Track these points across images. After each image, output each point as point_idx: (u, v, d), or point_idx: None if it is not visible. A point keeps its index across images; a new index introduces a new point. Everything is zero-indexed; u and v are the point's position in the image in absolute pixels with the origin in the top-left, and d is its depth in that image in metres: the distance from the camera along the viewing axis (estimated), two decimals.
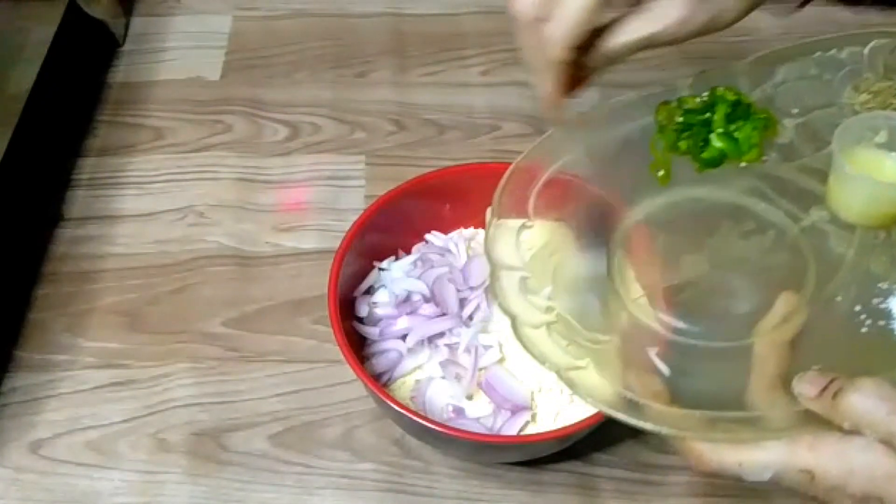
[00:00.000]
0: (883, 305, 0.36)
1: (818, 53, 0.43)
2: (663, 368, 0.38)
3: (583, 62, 0.41)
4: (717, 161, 0.42)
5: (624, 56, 0.40)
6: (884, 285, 0.37)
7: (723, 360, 0.38)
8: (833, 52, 0.43)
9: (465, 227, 0.56)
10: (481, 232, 0.56)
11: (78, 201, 0.63)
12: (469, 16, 0.79)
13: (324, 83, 0.72)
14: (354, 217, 0.50)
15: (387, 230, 0.53)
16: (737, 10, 0.39)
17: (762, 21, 0.74)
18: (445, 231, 0.55)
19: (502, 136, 0.68)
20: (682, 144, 0.42)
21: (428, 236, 0.55)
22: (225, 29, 0.77)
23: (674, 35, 0.39)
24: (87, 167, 0.65)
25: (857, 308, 0.36)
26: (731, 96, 0.42)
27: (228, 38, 0.76)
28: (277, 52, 0.75)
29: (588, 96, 0.70)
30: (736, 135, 0.42)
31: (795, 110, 0.42)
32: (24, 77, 0.60)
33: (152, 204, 0.62)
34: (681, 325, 0.39)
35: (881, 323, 0.36)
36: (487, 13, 0.79)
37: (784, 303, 0.38)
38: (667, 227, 0.43)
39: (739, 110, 0.42)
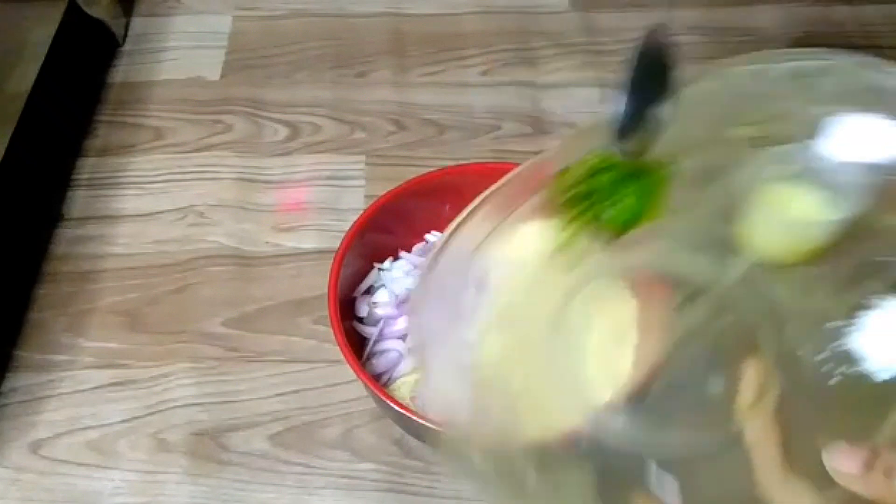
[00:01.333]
0: (842, 348, 0.33)
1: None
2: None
3: None
4: (630, 224, 0.37)
5: None
6: (832, 324, 0.34)
7: (718, 460, 0.34)
8: (686, 89, 0.39)
9: None
10: None
11: (78, 201, 0.63)
12: (469, 16, 0.79)
13: (324, 83, 0.72)
14: (354, 217, 0.50)
15: (387, 230, 0.53)
16: None
17: (762, 21, 0.74)
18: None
19: (502, 136, 0.68)
20: (587, 215, 0.37)
21: (428, 236, 0.55)
22: (225, 29, 0.77)
23: None
24: (87, 167, 0.65)
25: (820, 357, 0.33)
26: (615, 158, 0.38)
27: (228, 38, 0.76)
28: (277, 52, 0.75)
29: (588, 98, 0.71)
30: (637, 193, 0.37)
31: (677, 156, 0.38)
32: (24, 77, 0.60)
33: (152, 204, 0.63)
34: (662, 438, 0.34)
35: (847, 369, 0.33)
36: (487, 13, 0.79)
37: (752, 373, 0.33)
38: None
39: (631, 166, 0.38)
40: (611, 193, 0.37)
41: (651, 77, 0.35)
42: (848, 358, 0.33)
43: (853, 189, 0.35)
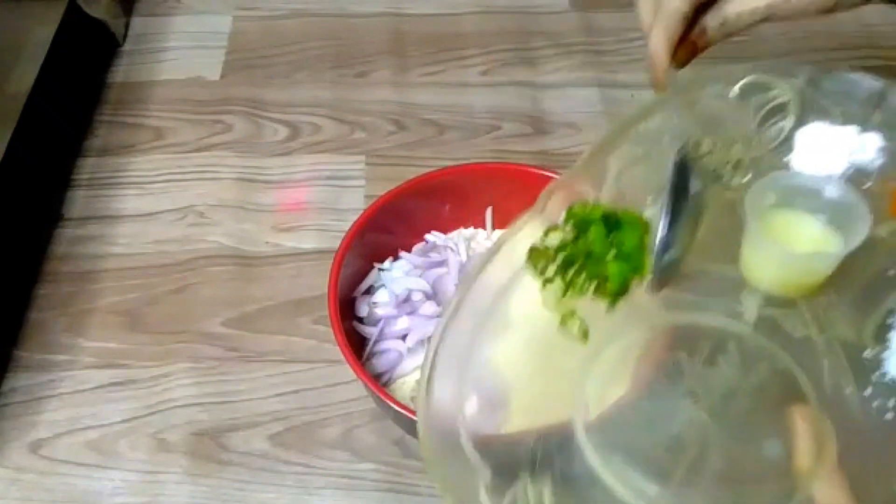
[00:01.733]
0: (887, 377, 0.32)
1: (634, 131, 0.39)
2: None
3: (700, 28, 0.39)
4: (625, 287, 0.35)
5: (742, 26, 0.39)
6: (869, 354, 0.32)
7: None
8: (644, 124, 0.39)
9: (465, 227, 0.56)
10: (481, 232, 0.56)
11: (78, 201, 0.63)
12: (469, 16, 0.79)
13: (324, 83, 0.72)
14: (354, 217, 0.50)
15: (387, 230, 0.53)
16: None
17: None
18: (445, 231, 0.55)
19: (502, 136, 0.68)
20: (577, 285, 0.35)
21: (428, 236, 0.55)
22: (225, 29, 0.77)
23: (797, 9, 0.37)
24: (87, 167, 0.65)
25: (868, 393, 0.31)
26: (596, 212, 0.36)
27: (228, 38, 0.76)
28: (277, 52, 0.75)
29: (588, 98, 0.71)
30: (625, 250, 0.36)
31: (649, 198, 0.37)
32: (24, 77, 0.60)
33: (152, 204, 0.63)
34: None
35: (894, 402, 0.31)
36: (487, 13, 0.79)
37: (804, 422, 0.31)
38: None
39: (611, 221, 0.36)
40: (600, 257, 0.35)
41: (681, 195, 0.35)
42: (894, 388, 0.31)
43: (851, 208, 0.34)
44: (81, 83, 0.69)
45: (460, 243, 0.53)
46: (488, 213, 0.56)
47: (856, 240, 0.32)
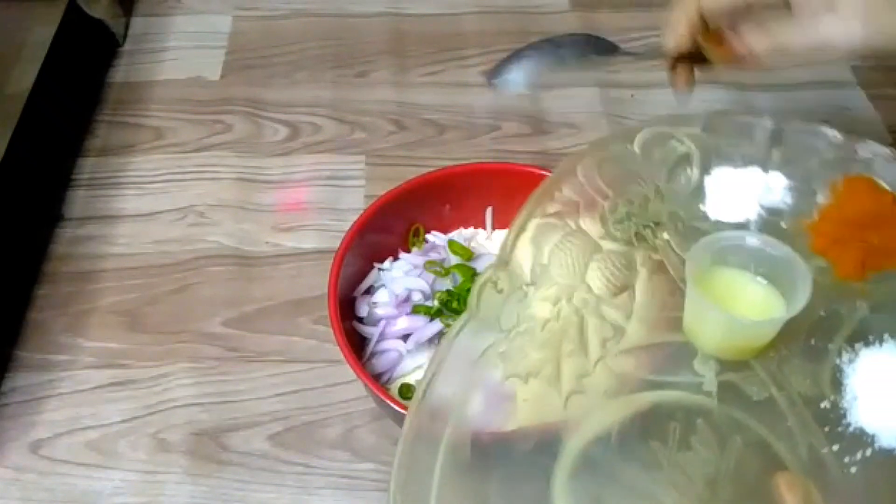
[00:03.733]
0: (852, 429, 0.32)
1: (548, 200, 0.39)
2: None
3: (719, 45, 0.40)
4: None
5: (787, 58, 0.40)
6: (827, 404, 0.33)
7: None
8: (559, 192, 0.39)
9: (465, 227, 0.56)
10: (481, 232, 0.56)
11: (78, 201, 0.63)
12: (469, 16, 0.79)
13: (324, 83, 0.72)
14: (354, 217, 0.50)
15: (387, 230, 0.53)
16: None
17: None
18: (445, 231, 0.55)
19: (502, 136, 0.68)
20: None
21: (428, 236, 0.55)
22: (225, 29, 0.77)
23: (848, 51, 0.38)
24: (87, 167, 0.65)
25: (836, 448, 0.32)
26: None
27: (228, 38, 0.76)
28: (277, 52, 0.75)
29: (588, 98, 0.71)
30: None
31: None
32: (24, 77, 0.60)
33: (152, 204, 0.63)
34: None
35: (863, 454, 0.31)
36: (487, 13, 0.79)
37: (789, 491, 0.31)
38: (603, 479, 0.33)
39: None
40: None
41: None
42: (859, 440, 0.31)
43: (790, 265, 0.33)
44: (81, 83, 0.69)
45: (460, 243, 0.53)
46: (488, 213, 0.56)
47: (800, 301, 0.32)
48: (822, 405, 0.33)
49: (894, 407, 0.32)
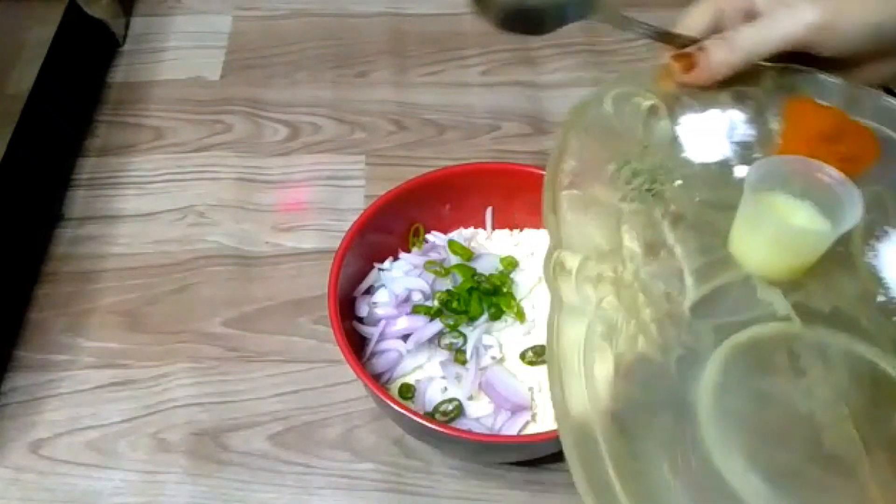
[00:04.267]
0: None
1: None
2: None
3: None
4: None
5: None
6: (881, 298, 0.36)
7: None
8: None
9: (465, 227, 0.56)
10: (481, 232, 0.56)
11: (78, 201, 0.63)
12: (469, 16, 0.78)
13: (324, 83, 0.72)
14: (354, 217, 0.50)
15: (387, 230, 0.53)
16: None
17: None
18: (445, 231, 0.55)
19: (502, 136, 0.68)
20: None
21: (428, 236, 0.55)
22: (225, 29, 0.77)
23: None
24: (87, 167, 0.65)
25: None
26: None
27: (228, 38, 0.76)
28: (277, 52, 0.75)
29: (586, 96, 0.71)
30: None
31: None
32: (24, 77, 0.60)
33: (152, 204, 0.63)
34: None
35: None
36: None
37: None
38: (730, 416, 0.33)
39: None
40: None
41: None
42: None
43: (842, 193, 0.35)
44: (81, 83, 0.69)
45: (460, 243, 0.53)
46: (488, 213, 0.56)
47: (849, 221, 0.34)
48: (878, 299, 0.35)
49: None
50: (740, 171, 0.38)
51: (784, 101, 0.41)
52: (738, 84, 0.41)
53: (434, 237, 0.55)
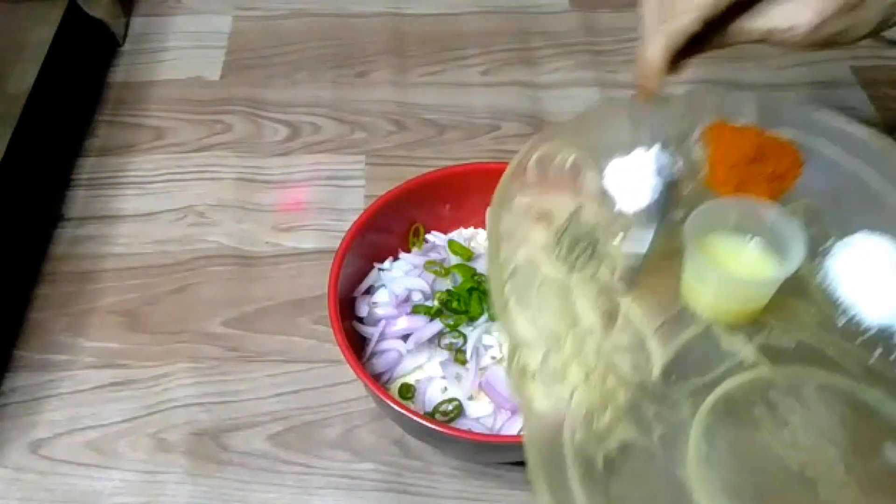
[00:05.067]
0: (870, 330, 0.34)
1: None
2: None
3: (702, 36, 0.39)
4: None
5: (741, 41, 0.39)
6: (840, 321, 0.35)
7: None
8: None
9: (465, 227, 0.56)
10: (481, 232, 0.56)
11: (78, 201, 0.63)
12: (469, 16, 0.79)
13: (324, 83, 0.72)
14: (354, 217, 0.50)
15: (387, 230, 0.53)
16: (870, 26, 0.37)
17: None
18: (445, 231, 0.55)
19: (502, 136, 0.68)
20: None
21: (428, 236, 0.55)
22: (225, 29, 0.77)
23: (797, 38, 0.37)
24: (87, 167, 0.65)
25: (878, 353, 0.34)
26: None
27: (228, 38, 0.76)
28: (277, 52, 0.75)
29: (588, 98, 0.71)
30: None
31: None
32: (24, 77, 0.60)
33: (152, 204, 0.63)
34: None
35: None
36: (487, 13, 0.79)
37: None
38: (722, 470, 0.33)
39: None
40: None
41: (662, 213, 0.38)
42: (885, 331, 0.34)
43: (785, 229, 0.35)
44: (81, 83, 0.69)
45: (460, 243, 0.53)
46: (488, 213, 0.55)
47: (795, 260, 0.33)
48: (839, 323, 0.35)
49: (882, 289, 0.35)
50: (677, 212, 0.37)
51: (701, 128, 0.40)
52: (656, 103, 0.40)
53: (434, 237, 0.55)
